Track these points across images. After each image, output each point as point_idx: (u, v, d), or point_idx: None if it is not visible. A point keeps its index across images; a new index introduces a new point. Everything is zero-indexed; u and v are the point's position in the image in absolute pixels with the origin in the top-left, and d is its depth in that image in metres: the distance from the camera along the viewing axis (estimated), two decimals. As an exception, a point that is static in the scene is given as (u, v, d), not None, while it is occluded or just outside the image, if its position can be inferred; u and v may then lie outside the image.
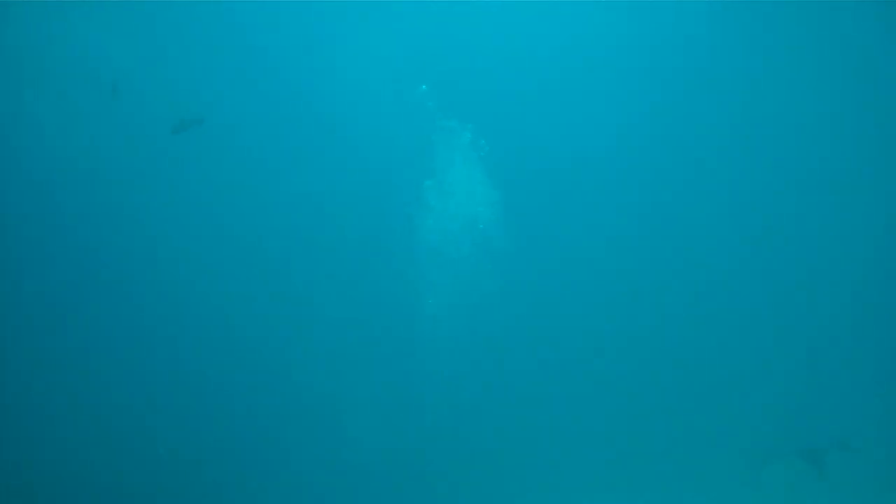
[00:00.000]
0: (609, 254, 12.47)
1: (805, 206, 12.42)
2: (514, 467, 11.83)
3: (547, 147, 12.41)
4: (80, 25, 12.01)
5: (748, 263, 12.48)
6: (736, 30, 12.18)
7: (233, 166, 12.35)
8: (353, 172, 12.41)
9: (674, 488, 11.49)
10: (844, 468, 11.37)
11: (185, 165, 12.18)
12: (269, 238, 12.35)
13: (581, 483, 11.66)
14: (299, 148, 12.46)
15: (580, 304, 12.43)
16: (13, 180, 12.05)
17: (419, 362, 12.01)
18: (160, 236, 12.23)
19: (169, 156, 12.08)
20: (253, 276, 12.25)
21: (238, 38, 12.38)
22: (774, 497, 11.39)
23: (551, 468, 11.82)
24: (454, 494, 11.70)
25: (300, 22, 12.37)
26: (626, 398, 12.12)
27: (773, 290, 12.40)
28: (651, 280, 12.50)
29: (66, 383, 11.57)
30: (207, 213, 12.31)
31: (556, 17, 12.42)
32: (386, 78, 12.26)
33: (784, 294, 12.34)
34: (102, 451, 11.40)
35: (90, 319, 11.95)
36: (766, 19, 12.01)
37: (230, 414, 11.94)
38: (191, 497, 11.54)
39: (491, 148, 11.96)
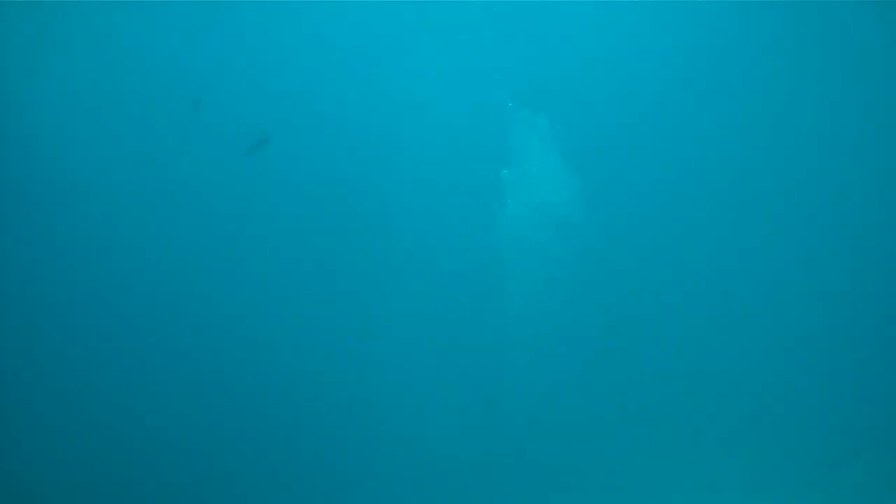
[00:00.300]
0: (695, 239, 12.03)
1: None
2: (605, 463, 11.35)
3: (625, 132, 12.10)
4: (167, 33, 12.01)
5: (837, 258, 11.94)
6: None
7: (315, 162, 12.25)
8: (429, 165, 12.26)
9: (755, 489, 11.04)
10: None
11: (270, 171, 12.12)
12: (348, 230, 12.21)
13: (666, 476, 11.23)
14: (374, 141, 12.35)
15: (667, 293, 11.98)
16: (83, 187, 11.83)
17: (502, 357, 11.65)
18: (236, 252, 12.15)
19: (250, 172, 12.04)
20: (334, 272, 12.09)
21: (316, 40, 12.39)
22: (855, 496, 10.79)
23: (638, 465, 11.35)
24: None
25: (374, 14, 12.34)
26: (704, 392, 11.68)
27: (844, 285, 11.87)
28: (737, 269, 12.00)
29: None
30: (293, 206, 12.22)
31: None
32: (459, 69, 12.21)
33: (854, 288, 11.79)
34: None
35: (168, 332, 11.81)
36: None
37: (310, 412, 11.70)
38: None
39: (567, 134, 11.73)
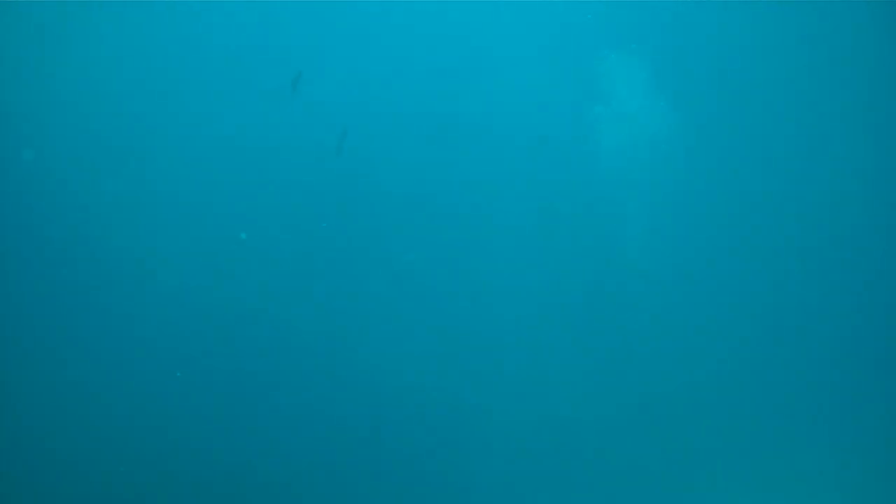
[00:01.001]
0: (806, 182, 10.20)
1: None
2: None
3: (728, 68, 10.47)
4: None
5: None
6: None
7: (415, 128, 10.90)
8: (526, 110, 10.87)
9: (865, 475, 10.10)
10: None
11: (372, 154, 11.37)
12: (452, 182, 11.05)
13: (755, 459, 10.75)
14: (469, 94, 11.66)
15: (775, 237, 10.25)
16: (165, 173, 11.06)
17: (613, 303, 10.15)
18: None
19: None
20: (437, 229, 11.07)
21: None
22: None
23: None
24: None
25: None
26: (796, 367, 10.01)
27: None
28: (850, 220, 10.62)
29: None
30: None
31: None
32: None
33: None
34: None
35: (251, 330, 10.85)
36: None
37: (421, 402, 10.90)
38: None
39: (665, 71, 10.83)
